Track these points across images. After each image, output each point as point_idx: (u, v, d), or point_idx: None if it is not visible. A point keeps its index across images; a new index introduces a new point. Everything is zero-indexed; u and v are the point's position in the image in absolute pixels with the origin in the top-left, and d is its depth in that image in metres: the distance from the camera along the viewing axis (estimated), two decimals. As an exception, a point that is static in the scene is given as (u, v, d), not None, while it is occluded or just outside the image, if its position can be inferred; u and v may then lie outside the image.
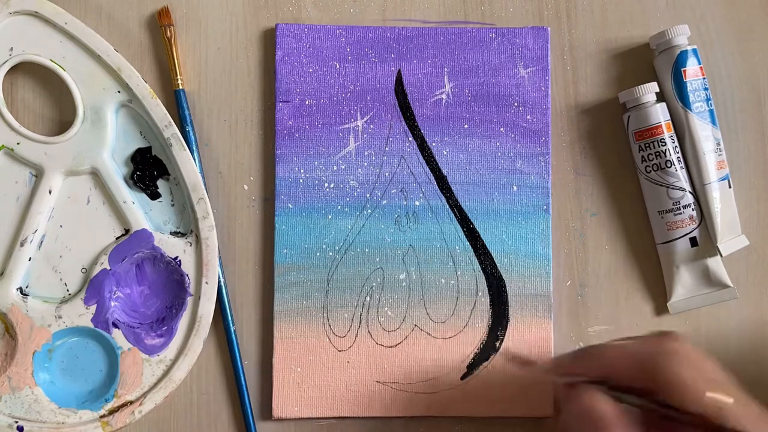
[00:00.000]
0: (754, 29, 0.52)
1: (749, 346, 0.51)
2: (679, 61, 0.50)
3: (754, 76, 0.52)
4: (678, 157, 0.50)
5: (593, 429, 0.38)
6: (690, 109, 0.49)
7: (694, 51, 0.50)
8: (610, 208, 0.52)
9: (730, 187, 0.50)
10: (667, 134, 0.49)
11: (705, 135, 0.50)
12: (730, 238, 0.50)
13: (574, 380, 0.41)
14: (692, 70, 0.50)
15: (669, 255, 0.50)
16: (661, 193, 0.50)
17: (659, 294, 0.52)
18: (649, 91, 0.50)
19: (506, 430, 0.51)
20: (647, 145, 0.50)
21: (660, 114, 0.49)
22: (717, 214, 0.49)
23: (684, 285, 0.50)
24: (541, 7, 0.52)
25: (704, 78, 0.50)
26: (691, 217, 0.49)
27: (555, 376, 0.43)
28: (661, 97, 0.51)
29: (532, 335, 0.50)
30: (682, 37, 0.50)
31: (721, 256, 0.49)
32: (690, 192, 0.50)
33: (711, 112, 0.50)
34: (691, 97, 0.50)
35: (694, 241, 0.50)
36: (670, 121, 0.50)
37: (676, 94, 0.50)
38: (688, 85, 0.49)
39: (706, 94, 0.50)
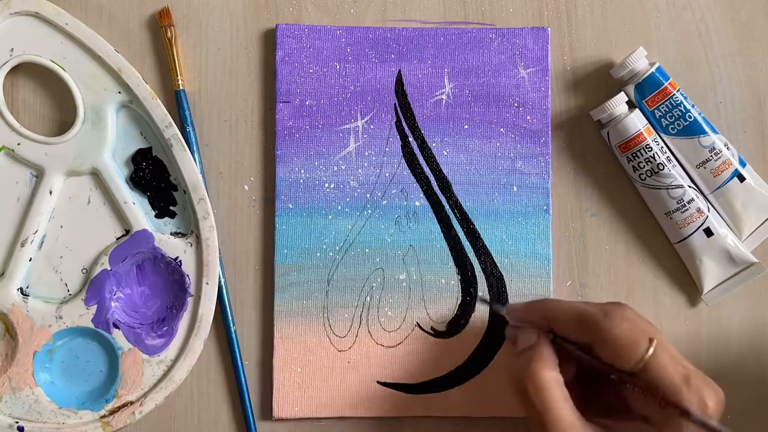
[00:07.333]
0: (754, 29, 0.52)
1: (749, 346, 0.51)
2: (639, 94, 0.49)
3: (755, 76, 0.52)
4: (667, 157, 0.49)
5: (527, 361, 0.42)
6: (667, 134, 0.49)
7: (655, 72, 0.49)
8: (610, 209, 0.52)
9: (741, 181, 0.49)
10: (650, 138, 0.49)
11: (691, 151, 0.49)
12: (752, 231, 0.50)
13: (522, 325, 0.44)
14: (655, 97, 0.49)
15: (689, 251, 0.50)
16: (662, 196, 0.49)
17: (659, 292, 0.52)
18: (619, 103, 0.49)
19: (506, 430, 0.51)
20: (634, 155, 0.49)
21: (637, 122, 0.49)
22: (731, 217, 0.50)
23: (712, 275, 0.50)
24: (541, 8, 0.52)
25: (676, 91, 0.49)
26: (698, 210, 0.49)
27: (508, 318, 0.45)
28: (632, 103, 0.50)
29: (533, 335, 0.50)
30: (640, 61, 0.49)
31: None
32: (689, 186, 0.49)
33: (694, 122, 0.49)
34: (664, 122, 0.49)
35: (708, 232, 0.49)
36: (649, 125, 0.49)
37: (650, 123, 0.50)
38: (656, 112, 0.49)
39: (683, 108, 0.49)
